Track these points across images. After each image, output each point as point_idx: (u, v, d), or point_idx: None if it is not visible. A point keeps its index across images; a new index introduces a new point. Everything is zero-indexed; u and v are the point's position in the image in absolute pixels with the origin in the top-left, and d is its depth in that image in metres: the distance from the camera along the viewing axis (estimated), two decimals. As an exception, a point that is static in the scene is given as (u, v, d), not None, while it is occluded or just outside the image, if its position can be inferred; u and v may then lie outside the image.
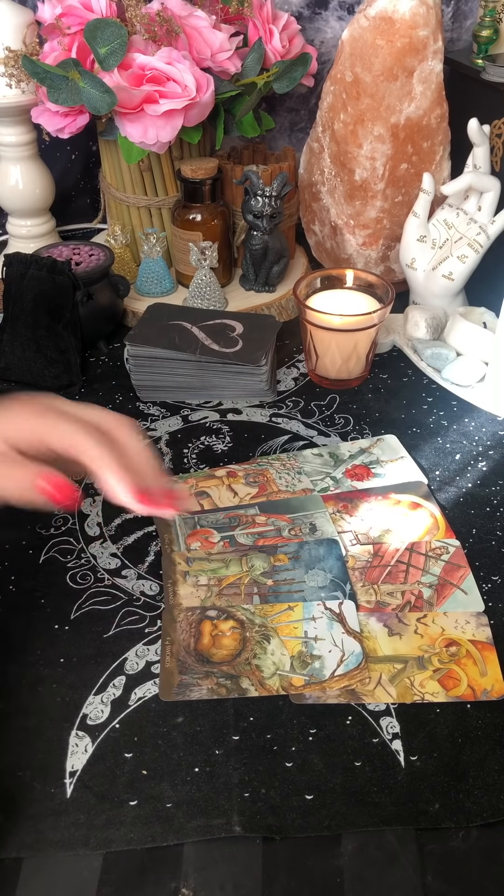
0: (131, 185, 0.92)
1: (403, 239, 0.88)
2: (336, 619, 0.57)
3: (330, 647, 0.56)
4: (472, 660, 0.55)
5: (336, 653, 0.55)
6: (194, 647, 0.56)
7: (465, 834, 0.46)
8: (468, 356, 0.81)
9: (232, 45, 0.84)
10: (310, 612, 0.58)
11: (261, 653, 0.55)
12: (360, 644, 0.56)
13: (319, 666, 0.54)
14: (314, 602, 0.59)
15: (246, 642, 0.56)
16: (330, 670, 0.54)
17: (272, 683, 0.53)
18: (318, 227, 0.98)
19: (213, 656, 0.55)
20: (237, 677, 0.54)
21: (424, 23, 0.79)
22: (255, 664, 0.54)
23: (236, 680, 0.53)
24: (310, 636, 0.56)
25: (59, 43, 0.81)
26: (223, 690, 0.53)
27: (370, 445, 0.74)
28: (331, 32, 0.99)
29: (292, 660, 0.55)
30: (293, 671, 0.54)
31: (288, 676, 0.54)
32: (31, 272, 0.81)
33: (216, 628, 0.57)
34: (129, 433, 0.49)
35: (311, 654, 0.55)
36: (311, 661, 0.55)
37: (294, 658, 0.55)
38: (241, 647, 0.55)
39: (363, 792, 0.48)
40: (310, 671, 0.54)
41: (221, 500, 0.68)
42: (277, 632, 0.57)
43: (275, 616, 0.58)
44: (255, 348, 0.78)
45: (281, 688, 0.53)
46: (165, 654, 0.55)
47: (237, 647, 0.56)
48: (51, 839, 0.46)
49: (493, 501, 0.68)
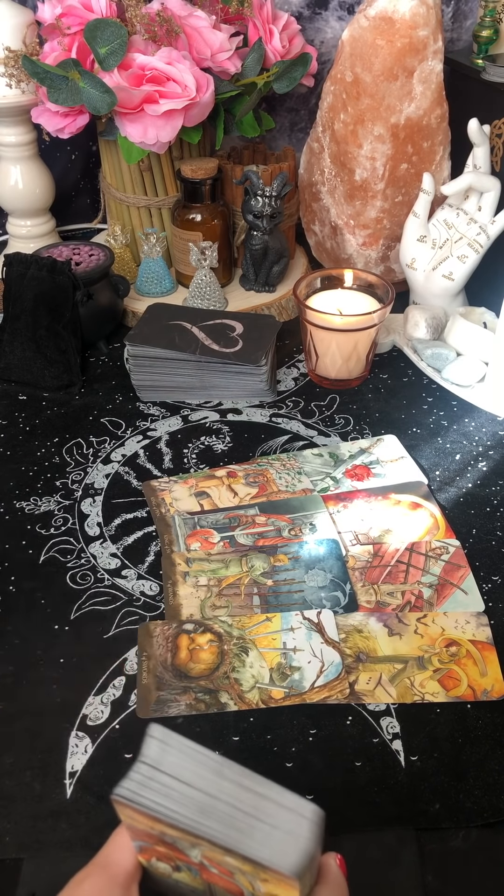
0: (131, 185, 0.92)
1: (403, 239, 0.88)
2: (315, 628, 0.57)
3: (309, 657, 0.55)
4: (472, 660, 0.55)
5: (315, 663, 0.54)
6: (171, 661, 0.55)
7: (465, 834, 0.46)
8: (468, 356, 0.81)
9: (232, 45, 0.84)
10: (288, 623, 0.57)
11: (239, 666, 0.54)
12: (339, 654, 0.55)
13: (299, 677, 0.54)
14: (292, 613, 0.58)
15: (224, 655, 0.55)
16: (310, 681, 0.53)
17: (251, 697, 0.52)
18: (318, 227, 0.98)
19: (191, 671, 0.54)
20: (216, 692, 0.53)
21: (424, 23, 0.79)
22: (234, 677, 0.54)
23: (215, 694, 0.53)
24: (288, 647, 0.56)
25: (59, 43, 0.81)
26: (202, 706, 0.52)
27: (370, 445, 0.74)
28: (331, 32, 0.99)
29: (271, 672, 0.54)
30: (272, 683, 0.53)
31: (267, 689, 0.53)
32: (31, 272, 0.81)
33: (193, 642, 0.56)
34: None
35: (290, 665, 0.54)
36: (290, 673, 0.54)
37: (273, 670, 0.54)
38: (219, 661, 0.55)
39: (363, 792, 0.48)
40: (289, 683, 0.53)
41: (221, 501, 0.68)
42: (255, 644, 0.56)
43: (252, 628, 0.57)
44: (255, 348, 0.78)
45: (260, 701, 0.52)
46: (142, 670, 0.54)
47: (215, 660, 0.55)
48: (51, 839, 0.46)
49: (493, 501, 0.68)
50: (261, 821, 0.30)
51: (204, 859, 0.32)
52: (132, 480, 0.71)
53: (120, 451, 0.74)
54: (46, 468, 0.72)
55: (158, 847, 0.34)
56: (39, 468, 0.72)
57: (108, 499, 0.69)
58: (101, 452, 0.74)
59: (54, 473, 0.71)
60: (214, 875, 0.34)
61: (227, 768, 0.32)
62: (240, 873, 0.32)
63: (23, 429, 0.77)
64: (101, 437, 0.76)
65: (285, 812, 0.31)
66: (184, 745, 0.32)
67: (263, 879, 0.31)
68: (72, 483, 0.70)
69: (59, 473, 0.71)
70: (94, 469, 0.72)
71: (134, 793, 0.31)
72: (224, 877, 0.33)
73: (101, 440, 0.75)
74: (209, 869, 0.33)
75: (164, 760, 0.32)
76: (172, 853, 0.33)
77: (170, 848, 0.33)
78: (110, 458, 0.73)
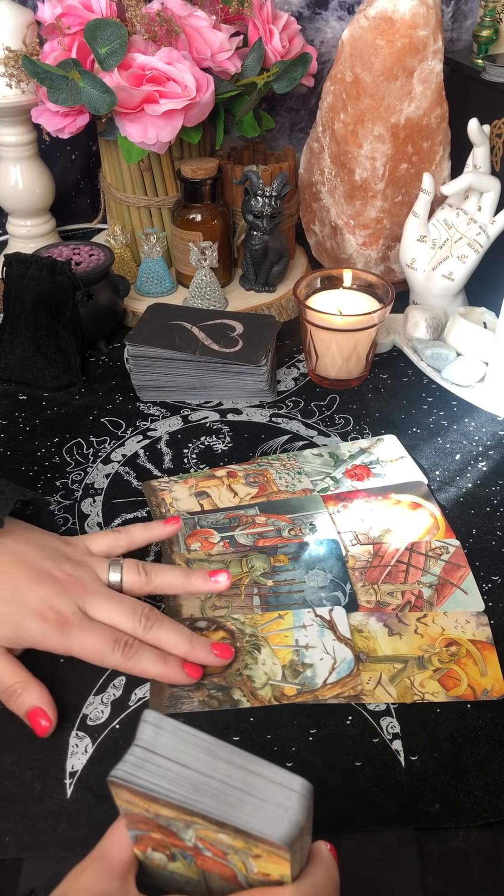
0: (131, 185, 0.92)
1: (403, 239, 0.88)
2: (327, 626, 0.57)
3: (321, 654, 0.55)
4: (472, 660, 0.55)
5: (328, 660, 0.55)
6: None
7: (465, 834, 0.46)
8: (468, 356, 0.81)
9: (232, 45, 0.84)
10: (300, 620, 0.57)
11: (252, 663, 0.55)
12: (351, 651, 0.55)
13: (311, 674, 0.54)
14: (305, 610, 0.58)
15: (237, 652, 0.55)
16: (322, 678, 0.53)
17: (264, 694, 0.53)
18: (318, 227, 0.98)
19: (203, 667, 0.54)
20: (228, 688, 0.53)
21: (424, 23, 0.79)
22: (247, 674, 0.54)
23: (228, 691, 0.53)
24: (301, 644, 0.56)
25: (59, 43, 0.81)
26: (214, 702, 0.52)
27: (370, 445, 0.74)
28: (331, 32, 0.99)
29: (284, 669, 0.54)
30: (285, 680, 0.53)
31: (280, 686, 0.53)
32: (31, 272, 0.81)
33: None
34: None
35: (302, 662, 0.54)
36: (302, 670, 0.54)
37: (286, 667, 0.54)
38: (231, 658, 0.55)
39: (363, 792, 0.48)
40: (301, 680, 0.53)
41: (221, 501, 0.68)
42: (268, 641, 0.56)
43: (265, 625, 0.57)
44: (255, 348, 0.78)
45: (273, 697, 0.52)
46: None
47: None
48: (51, 839, 0.46)
49: (493, 501, 0.68)
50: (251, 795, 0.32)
51: (198, 841, 0.34)
52: (132, 480, 0.71)
53: (120, 451, 0.74)
54: (46, 468, 0.72)
55: (154, 834, 0.35)
56: (39, 468, 0.72)
57: (108, 499, 0.69)
58: (101, 452, 0.74)
59: (54, 473, 0.71)
60: (208, 860, 0.35)
61: (218, 748, 0.33)
62: (233, 852, 0.34)
63: (23, 429, 0.77)
64: (101, 437, 0.76)
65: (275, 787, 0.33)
66: (177, 728, 0.34)
67: (256, 856, 0.33)
68: (72, 483, 0.70)
69: (59, 473, 0.71)
70: (94, 469, 0.72)
71: (130, 774, 0.33)
72: (218, 860, 0.35)
73: (101, 440, 0.75)
74: (203, 853, 0.35)
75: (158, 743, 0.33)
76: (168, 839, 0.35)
77: (165, 833, 0.35)
78: (110, 458, 0.73)
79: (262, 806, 0.32)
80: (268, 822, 0.32)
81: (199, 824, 0.33)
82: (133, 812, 0.35)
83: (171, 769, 0.33)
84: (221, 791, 0.32)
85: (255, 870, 0.34)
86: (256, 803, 0.32)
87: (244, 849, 0.33)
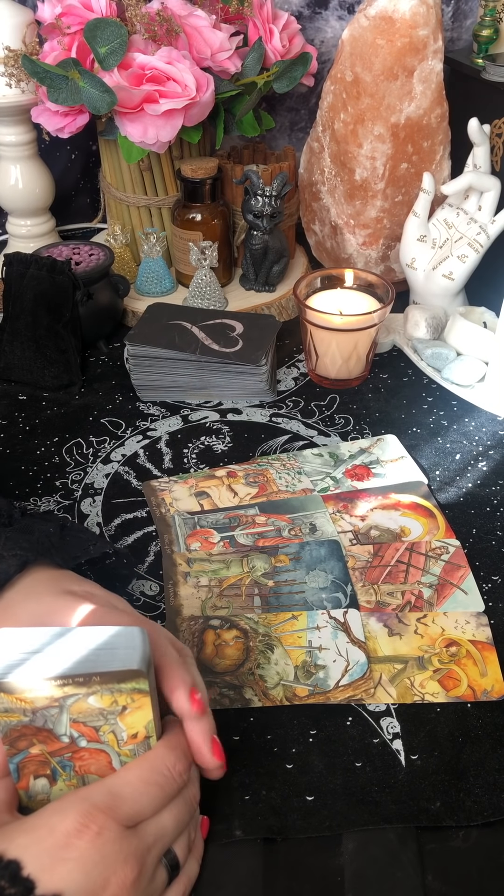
0: (131, 184, 0.92)
1: (403, 239, 0.88)
2: (341, 628, 0.57)
3: (334, 656, 0.55)
4: (472, 660, 0.55)
5: (341, 662, 0.55)
6: (197, 656, 0.55)
7: (465, 833, 0.46)
8: (468, 356, 0.81)
9: (232, 44, 0.84)
10: (314, 622, 0.57)
11: (264, 662, 0.55)
12: (365, 653, 0.55)
13: (324, 676, 0.54)
14: (318, 611, 0.58)
15: (249, 652, 0.55)
16: (334, 680, 0.53)
17: (276, 694, 0.53)
18: (318, 226, 0.98)
19: (216, 666, 0.54)
20: (240, 687, 0.53)
21: (424, 22, 0.79)
22: (259, 674, 0.54)
23: (239, 690, 0.53)
24: (314, 646, 0.56)
25: (59, 42, 0.81)
26: (226, 701, 0.52)
27: (370, 445, 0.74)
28: (331, 32, 0.99)
29: (296, 669, 0.54)
30: (297, 681, 0.53)
31: (292, 686, 0.53)
32: (31, 272, 0.81)
33: (219, 638, 0.56)
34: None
35: (315, 663, 0.54)
36: (315, 671, 0.54)
37: (298, 668, 0.54)
38: (244, 657, 0.55)
39: (363, 792, 0.48)
40: (314, 681, 0.53)
41: (221, 501, 0.68)
42: (281, 641, 0.56)
43: (279, 625, 0.57)
44: (255, 348, 0.78)
45: (284, 698, 0.52)
46: None
47: (240, 656, 0.55)
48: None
49: (493, 501, 0.68)
50: (102, 649, 0.39)
51: (73, 728, 0.39)
52: (132, 480, 0.71)
53: (120, 451, 0.74)
54: (46, 468, 0.72)
55: (34, 749, 0.40)
56: (39, 468, 0.72)
57: (108, 499, 0.69)
58: (101, 452, 0.74)
59: (54, 473, 0.71)
60: (85, 755, 0.40)
61: (67, 630, 0.39)
62: (103, 721, 0.39)
63: (23, 428, 0.77)
64: (101, 436, 0.76)
65: (118, 637, 0.39)
66: (27, 629, 0.40)
67: (122, 710, 0.39)
68: (71, 483, 0.70)
69: (59, 473, 0.71)
70: (93, 469, 0.72)
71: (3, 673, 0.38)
72: (93, 746, 0.40)
73: (101, 440, 0.75)
74: (79, 743, 0.40)
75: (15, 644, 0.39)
76: (47, 746, 0.40)
77: (43, 738, 0.39)
78: (110, 458, 0.73)
79: (114, 653, 0.38)
80: (124, 660, 0.38)
81: (71, 696, 0.38)
82: (11, 723, 0.39)
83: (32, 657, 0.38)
84: (80, 656, 0.38)
85: (124, 736, 0.40)
86: (109, 652, 0.38)
87: (111, 708, 0.39)
